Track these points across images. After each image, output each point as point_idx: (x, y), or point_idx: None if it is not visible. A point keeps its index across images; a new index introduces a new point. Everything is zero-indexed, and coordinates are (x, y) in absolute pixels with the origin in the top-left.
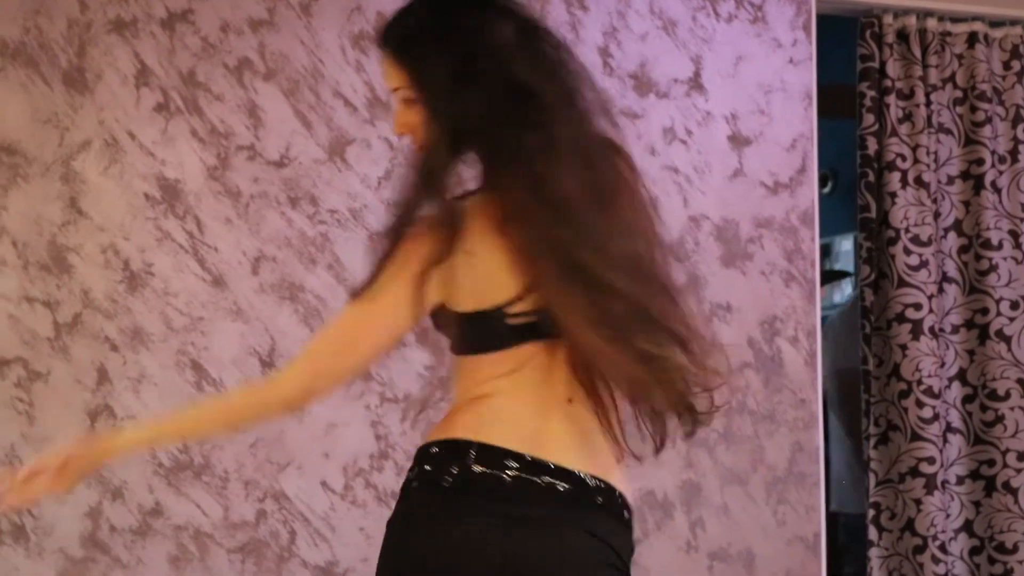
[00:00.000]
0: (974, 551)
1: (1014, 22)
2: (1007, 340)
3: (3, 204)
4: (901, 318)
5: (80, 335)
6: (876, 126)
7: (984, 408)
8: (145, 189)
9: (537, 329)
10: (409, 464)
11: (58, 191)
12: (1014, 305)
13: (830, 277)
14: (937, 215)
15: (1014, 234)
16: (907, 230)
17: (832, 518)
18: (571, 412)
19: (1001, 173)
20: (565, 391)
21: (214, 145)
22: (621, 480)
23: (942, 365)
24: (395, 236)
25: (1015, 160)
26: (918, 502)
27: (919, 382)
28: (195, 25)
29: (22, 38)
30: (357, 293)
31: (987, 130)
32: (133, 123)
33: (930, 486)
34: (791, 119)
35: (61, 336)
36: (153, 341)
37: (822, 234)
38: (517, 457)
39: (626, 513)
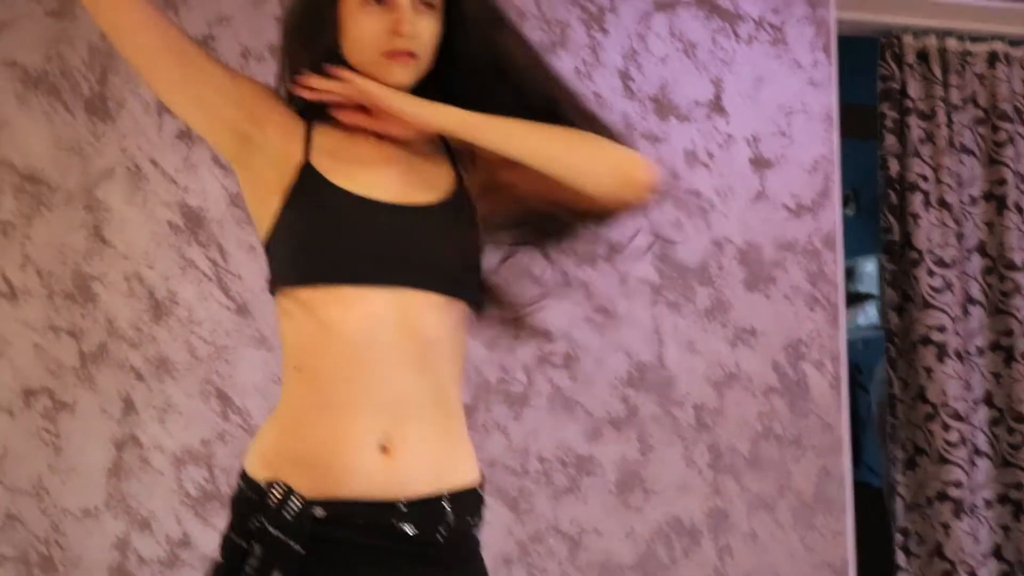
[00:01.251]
0: None
1: None
2: None
3: (27, 233)
4: (926, 341)
5: (105, 364)
6: (898, 147)
7: (1011, 431)
8: (168, 217)
9: None
10: None
11: (82, 220)
12: None
13: (853, 300)
14: (960, 236)
15: None
16: (931, 252)
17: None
18: None
19: None
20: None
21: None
22: None
23: (968, 388)
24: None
25: None
26: (946, 527)
27: (945, 405)
28: (216, 51)
29: (44, 66)
30: None
31: (1009, 150)
32: (156, 150)
33: (958, 510)
34: (813, 141)
35: (86, 365)
36: (178, 370)
37: (845, 256)
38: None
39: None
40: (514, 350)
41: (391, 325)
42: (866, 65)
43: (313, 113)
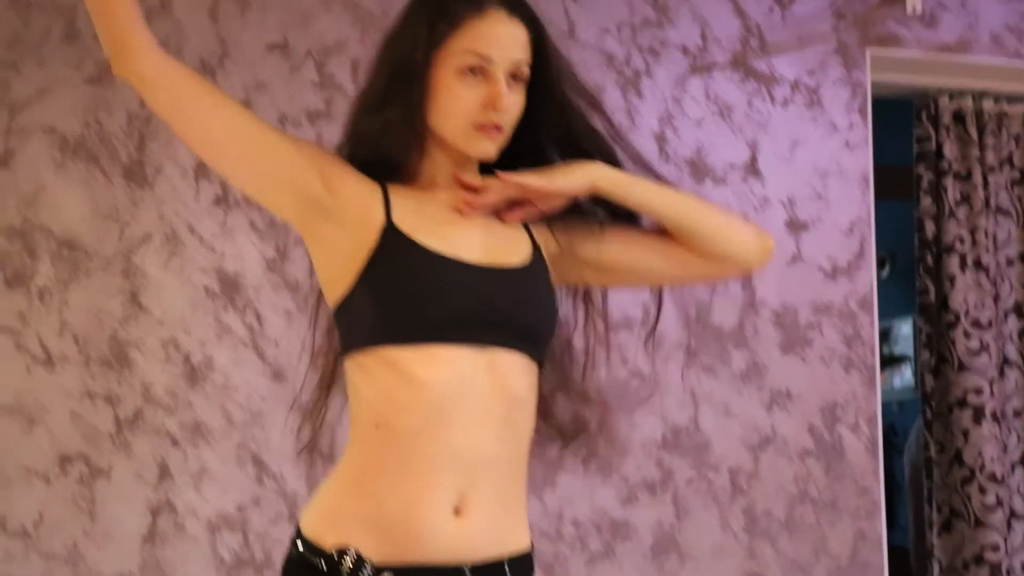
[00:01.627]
0: None
1: None
2: None
3: (64, 299)
4: (962, 403)
5: (141, 430)
6: (934, 208)
7: None
8: (205, 282)
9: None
10: None
11: (119, 286)
12: None
13: (889, 362)
14: (997, 298)
15: None
16: (967, 313)
17: None
18: None
19: None
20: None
21: (272, 237)
22: None
23: (1005, 450)
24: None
25: None
26: None
27: (982, 468)
28: None
29: (83, 132)
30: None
31: None
32: (193, 216)
33: (995, 574)
34: (848, 203)
35: (122, 431)
36: (214, 436)
37: (880, 318)
38: None
39: None
40: None
41: (479, 384)
42: (901, 126)
43: (385, 174)
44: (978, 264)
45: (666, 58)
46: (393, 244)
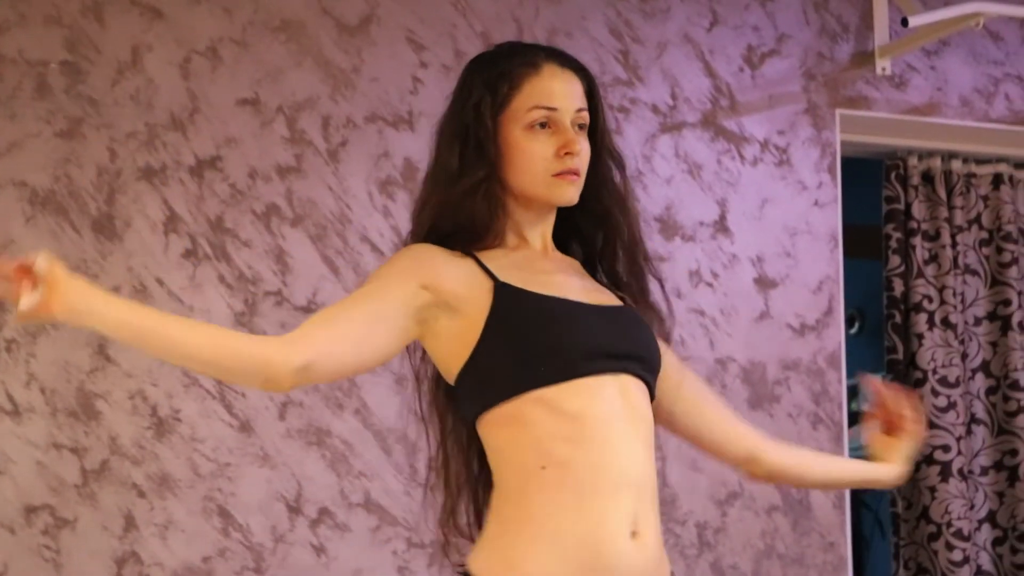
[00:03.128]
0: None
1: None
2: None
3: (32, 352)
4: (930, 460)
5: (107, 482)
6: (902, 267)
7: (1015, 550)
8: None
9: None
10: None
11: (87, 338)
12: None
13: (858, 419)
14: (964, 356)
15: None
16: (935, 371)
17: None
18: None
19: None
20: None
21: (242, 291)
22: None
23: (972, 507)
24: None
25: None
26: None
27: (948, 524)
28: (223, 172)
29: (52, 186)
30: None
31: (1013, 271)
32: (161, 270)
33: None
34: (817, 261)
35: (88, 483)
36: (180, 487)
37: (850, 375)
38: None
39: None
40: None
41: (622, 409)
42: (871, 186)
43: (465, 244)
44: (946, 322)
45: (636, 116)
46: (511, 298)
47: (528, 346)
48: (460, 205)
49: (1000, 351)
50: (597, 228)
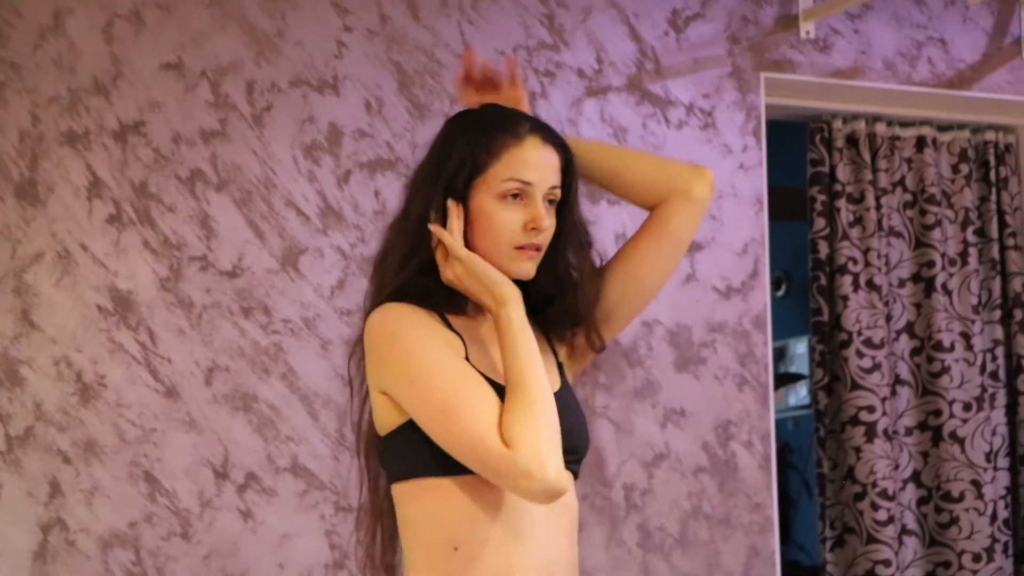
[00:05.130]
0: None
1: (961, 126)
2: (960, 442)
3: None
4: (855, 421)
5: (32, 448)
6: (827, 230)
7: (939, 510)
8: (97, 301)
9: None
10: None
11: (10, 304)
12: (967, 407)
13: (784, 380)
14: (889, 318)
15: (965, 336)
16: (859, 333)
17: None
18: None
19: (951, 276)
20: None
21: (166, 256)
22: None
23: (896, 467)
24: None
25: (965, 263)
26: None
27: (874, 484)
28: (147, 137)
29: None
30: None
31: (937, 233)
32: (85, 235)
33: None
34: (743, 224)
35: (13, 449)
36: (106, 453)
37: (777, 337)
38: None
39: None
40: None
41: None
42: (795, 149)
43: (439, 302)
44: (871, 284)
45: (562, 80)
46: None
47: None
48: (425, 272)
49: (924, 312)
50: (550, 294)
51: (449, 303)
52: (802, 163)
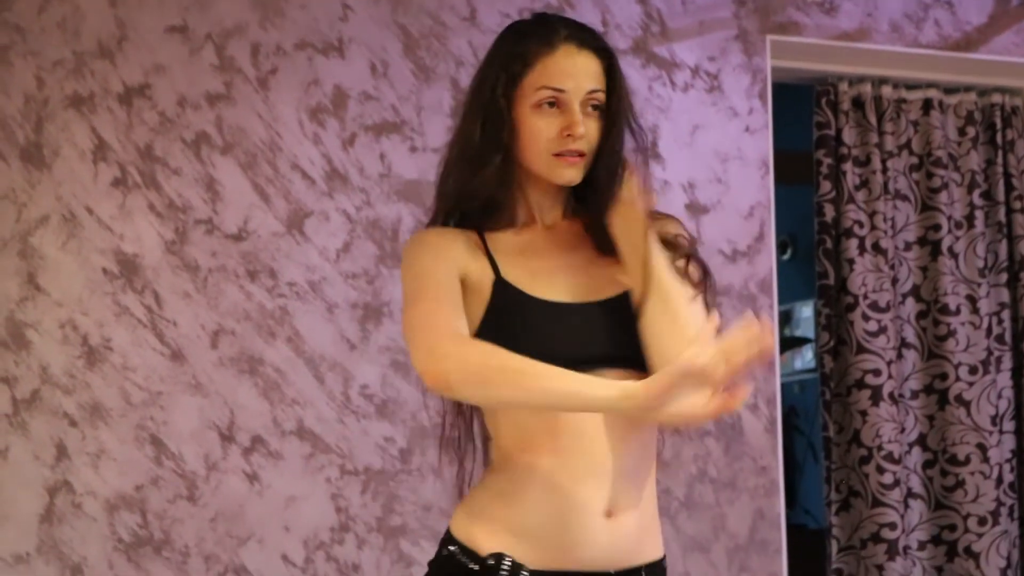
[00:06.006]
0: None
1: (968, 89)
2: (966, 405)
3: None
4: (861, 384)
5: (38, 411)
6: (833, 193)
7: (944, 473)
8: (103, 264)
9: None
10: (369, 537)
11: (16, 267)
12: (973, 370)
13: (790, 344)
14: (895, 281)
15: (971, 299)
16: (865, 296)
17: None
18: None
19: (958, 239)
20: None
21: (172, 219)
22: None
23: (902, 431)
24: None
25: (971, 226)
26: (880, 568)
27: (879, 448)
28: (152, 100)
29: None
30: None
31: (943, 196)
32: (91, 198)
33: (892, 552)
34: (748, 187)
35: (19, 412)
36: (112, 416)
37: (783, 300)
38: None
39: None
40: None
41: None
42: (801, 112)
43: (484, 221)
44: (877, 248)
45: None
46: (505, 298)
47: (514, 349)
48: (482, 185)
49: (930, 276)
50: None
51: (491, 219)
52: (808, 126)
